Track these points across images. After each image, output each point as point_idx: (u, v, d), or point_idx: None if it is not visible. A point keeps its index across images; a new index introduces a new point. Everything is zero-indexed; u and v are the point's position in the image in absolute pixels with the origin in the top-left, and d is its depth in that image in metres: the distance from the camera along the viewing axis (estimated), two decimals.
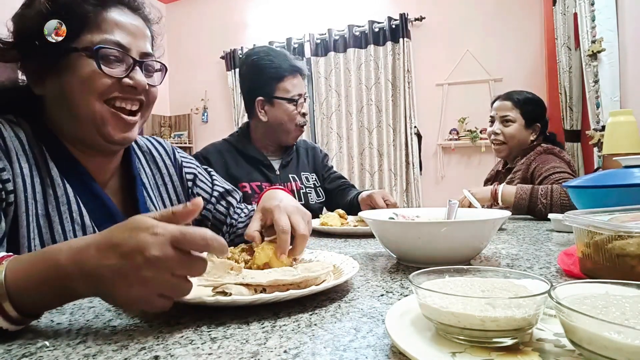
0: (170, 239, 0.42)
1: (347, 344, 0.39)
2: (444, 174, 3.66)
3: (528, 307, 0.34)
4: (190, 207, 0.47)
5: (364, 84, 3.80)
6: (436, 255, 0.67)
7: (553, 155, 1.60)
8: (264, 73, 1.46)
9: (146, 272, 0.41)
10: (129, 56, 0.71)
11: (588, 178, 1.02)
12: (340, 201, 1.53)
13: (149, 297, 0.43)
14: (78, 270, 0.43)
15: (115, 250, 0.42)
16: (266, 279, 0.52)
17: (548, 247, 0.86)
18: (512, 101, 1.74)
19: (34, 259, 0.46)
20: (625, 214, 0.63)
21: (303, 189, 1.52)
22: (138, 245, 0.41)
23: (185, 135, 4.54)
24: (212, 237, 0.44)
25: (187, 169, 0.96)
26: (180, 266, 0.43)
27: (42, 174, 0.69)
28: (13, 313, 0.42)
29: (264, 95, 1.46)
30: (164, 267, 0.42)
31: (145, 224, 0.43)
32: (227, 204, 0.98)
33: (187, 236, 0.43)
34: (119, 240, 0.42)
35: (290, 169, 1.54)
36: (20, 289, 0.43)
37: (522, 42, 3.38)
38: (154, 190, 0.87)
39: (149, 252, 0.41)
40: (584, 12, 2.29)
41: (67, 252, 0.44)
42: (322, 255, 0.72)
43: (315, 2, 4.08)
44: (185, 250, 0.43)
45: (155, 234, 0.42)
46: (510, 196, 1.40)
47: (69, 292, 0.45)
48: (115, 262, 0.41)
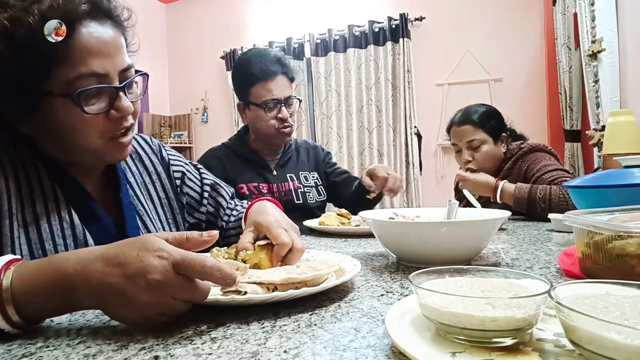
0: (173, 263, 0.43)
1: (347, 344, 0.39)
2: (444, 174, 3.65)
3: (528, 307, 0.34)
4: (206, 238, 0.48)
5: (364, 84, 3.80)
6: (436, 255, 0.67)
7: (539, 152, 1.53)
8: (238, 77, 1.47)
9: (147, 296, 0.42)
10: (110, 86, 0.64)
11: (588, 178, 1.02)
12: (348, 190, 1.55)
13: (148, 317, 0.44)
14: (83, 283, 0.43)
15: (120, 268, 0.42)
16: (278, 277, 0.52)
17: (548, 247, 0.86)
18: (472, 124, 1.60)
19: (41, 266, 0.46)
20: (625, 214, 0.63)
21: (301, 188, 1.51)
22: (142, 268, 0.42)
23: (185, 135, 4.54)
24: (213, 266, 0.44)
25: (175, 166, 0.93)
26: (180, 291, 0.43)
27: (30, 174, 0.67)
28: (15, 317, 0.43)
29: (242, 100, 1.47)
30: (164, 291, 0.42)
31: (154, 246, 0.44)
32: (216, 203, 0.97)
33: (187, 263, 0.43)
34: (126, 259, 0.43)
35: (289, 168, 1.53)
36: (25, 295, 0.43)
37: (522, 42, 3.38)
38: (142, 189, 0.85)
39: (151, 275, 0.42)
40: (584, 12, 2.29)
41: (74, 263, 0.44)
42: (318, 255, 0.72)
43: (315, 2, 4.08)
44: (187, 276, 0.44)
45: (160, 257, 0.43)
46: (509, 197, 1.37)
47: (72, 303, 0.45)
48: (118, 282, 0.42)
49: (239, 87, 1.47)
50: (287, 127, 1.45)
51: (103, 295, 0.43)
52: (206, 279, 0.45)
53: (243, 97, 1.46)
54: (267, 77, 1.40)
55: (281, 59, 1.44)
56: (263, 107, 1.41)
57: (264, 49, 1.51)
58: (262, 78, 1.40)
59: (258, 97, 1.41)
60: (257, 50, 1.49)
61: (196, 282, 0.44)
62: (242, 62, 1.46)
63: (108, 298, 0.43)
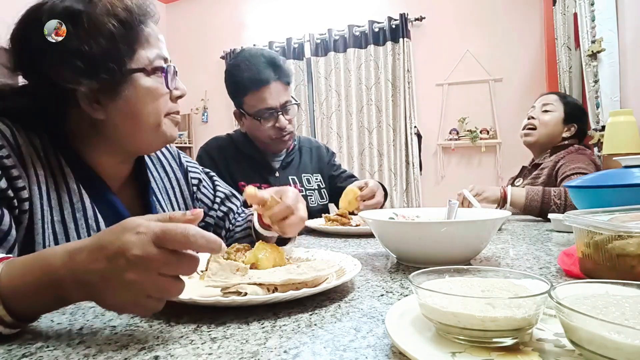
0: (152, 237, 0.41)
1: (347, 344, 0.39)
2: (444, 174, 3.65)
3: (528, 307, 0.34)
4: (190, 217, 0.45)
5: (364, 84, 3.80)
6: (436, 255, 0.67)
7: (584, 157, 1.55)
8: (230, 84, 1.38)
9: (130, 274, 0.40)
10: (172, 67, 0.75)
11: (588, 178, 1.02)
12: None
13: (137, 301, 0.41)
14: (70, 275, 0.42)
15: (102, 253, 0.41)
16: (279, 278, 0.52)
17: (548, 247, 0.86)
18: (558, 95, 1.79)
19: (29, 262, 0.45)
20: (625, 214, 0.63)
21: (302, 192, 1.47)
22: (121, 246, 0.40)
23: (185, 135, 4.54)
24: (196, 233, 0.41)
25: (192, 173, 0.96)
26: (166, 265, 0.41)
27: (57, 180, 0.68)
28: (7, 318, 0.42)
29: (237, 107, 1.40)
30: (148, 267, 0.40)
31: (132, 224, 0.42)
32: (227, 209, 0.98)
33: (168, 233, 0.41)
34: (106, 242, 0.41)
35: (291, 170, 1.49)
36: (15, 293, 0.43)
37: (522, 42, 3.38)
38: (163, 195, 0.87)
39: (130, 252, 0.40)
40: (584, 12, 2.29)
41: (61, 257, 0.43)
42: (319, 255, 0.72)
43: (315, 2, 4.08)
44: (171, 249, 0.41)
45: (138, 233, 0.41)
46: (521, 198, 1.32)
47: (62, 297, 0.44)
48: (101, 267, 0.41)
49: (232, 95, 1.39)
50: (286, 135, 1.38)
51: (90, 284, 0.41)
52: (190, 248, 0.42)
53: (237, 105, 1.39)
54: (259, 85, 1.29)
55: (274, 62, 1.32)
56: (258, 118, 1.33)
57: (254, 52, 1.37)
58: (253, 87, 1.29)
59: (251, 107, 1.33)
60: (246, 54, 1.35)
61: (181, 254, 0.42)
62: (231, 69, 1.36)
63: (95, 286, 0.41)
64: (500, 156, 3.43)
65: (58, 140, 0.71)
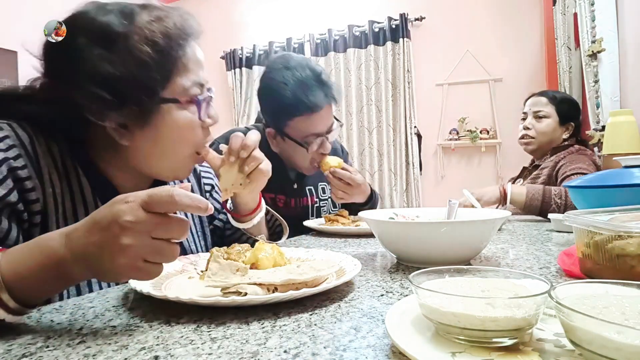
0: (140, 203, 0.44)
1: (347, 344, 0.39)
2: (444, 174, 3.65)
3: (528, 307, 0.34)
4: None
5: (363, 84, 3.80)
6: (436, 255, 0.67)
7: (584, 157, 1.55)
8: (273, 102, 1.18)
9: (125, 239, 0.43)
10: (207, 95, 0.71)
11: (588, 178, 1.02)
12: None
13: (135, 264, 0.44)
14: (70, 252, 0.44)
15: (96, 227, 0.44)
16: (279, 278, 0.52)
17: (548, 247, 0.86)
18: (547, 97, 1.73)
19: (28, 248, 0.47)
20: (625, 214, 0.63)
21: (317, 203, 1.40)
22: (113, 215, 0.43)
23: None
24: (181, 193, 0.44)
25: (205, 178, 0.96)
26: (156, 228, 0.44)
27: (74, 189, 0.67)
28: (12, 303, 0.43)
29: (274, 127, 1.22)
30: (140, 230, 0.43)
31: (121, 197, 0.45)
32: None
33: (154, 196, 0.44)
34: (99, 217, 0.44)
35: (308, 180, 1.38)
36: (18, 278, 0.44)
37: (522, 42, 3.37)
38: None
39: (121, 218, 0.43)
40: (584, 12, 2.29)
41: (59, 238, 0.46)
42: (319, 255, 0.72)
43: (315, 2, 4.07)
44: (160, 213, 0.44)
45: (127, 202, 0.44)
46: (521, 196, 1.32)
47: (65, 277, 0.46)
48: (97, 238, 0.43)
49: (272, 114, 1.21)
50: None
51: (88, 258, 0.44)
52: (177, 208, 0.45)
53: (275, 125, 1.21)
54: (313, 110, 1.14)
55: (325, 81, 1.17)
56: (305, 145, 1.18)
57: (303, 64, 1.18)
58: (306, 111, 1.14)
59: (298, 132, 1.17)
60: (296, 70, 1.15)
61: (170, 217, 0.45)
62: (278, 86, 1.15)
63: (93, 258, 0.44)
64: (500, 156, 3.43)
65: (77, 150, 0.69)
